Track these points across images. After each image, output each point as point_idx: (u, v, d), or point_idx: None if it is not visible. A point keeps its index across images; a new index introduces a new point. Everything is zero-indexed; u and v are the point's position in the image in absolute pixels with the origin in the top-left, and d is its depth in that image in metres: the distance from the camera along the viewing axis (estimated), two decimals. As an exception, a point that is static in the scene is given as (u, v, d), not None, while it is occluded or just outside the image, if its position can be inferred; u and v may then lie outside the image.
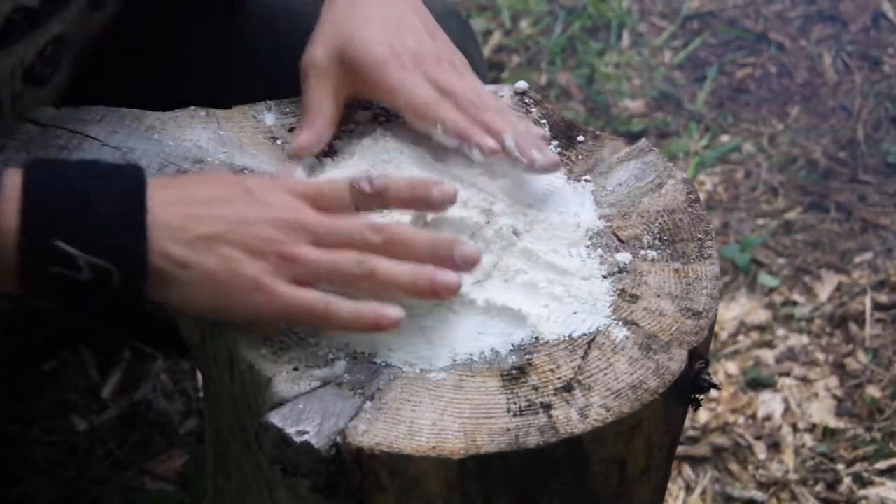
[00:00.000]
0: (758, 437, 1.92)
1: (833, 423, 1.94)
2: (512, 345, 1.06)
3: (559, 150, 1.24)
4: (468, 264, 1.05)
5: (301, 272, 1.02)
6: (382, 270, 1.02)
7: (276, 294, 1.01)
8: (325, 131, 1.19)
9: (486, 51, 2.61)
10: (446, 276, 1.03)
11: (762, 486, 1.86)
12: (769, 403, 1.97)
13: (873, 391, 1.98)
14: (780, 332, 2.08)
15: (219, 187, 1.05)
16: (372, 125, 1.24)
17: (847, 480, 1.86)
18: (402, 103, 1.17)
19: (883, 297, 2.12)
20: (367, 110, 1.26)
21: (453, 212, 1.11)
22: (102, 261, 0.97)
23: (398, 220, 1.10)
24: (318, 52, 1.19)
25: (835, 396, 1.98)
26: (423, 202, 1.08)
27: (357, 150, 1.21)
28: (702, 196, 1.87)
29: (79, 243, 0.97)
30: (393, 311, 1.01)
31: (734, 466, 1.89)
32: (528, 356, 1.05)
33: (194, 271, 1.00)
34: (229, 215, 1.02)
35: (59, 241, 0.96)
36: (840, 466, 1.88)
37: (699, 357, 1.07)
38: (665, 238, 1.16)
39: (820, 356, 2.04)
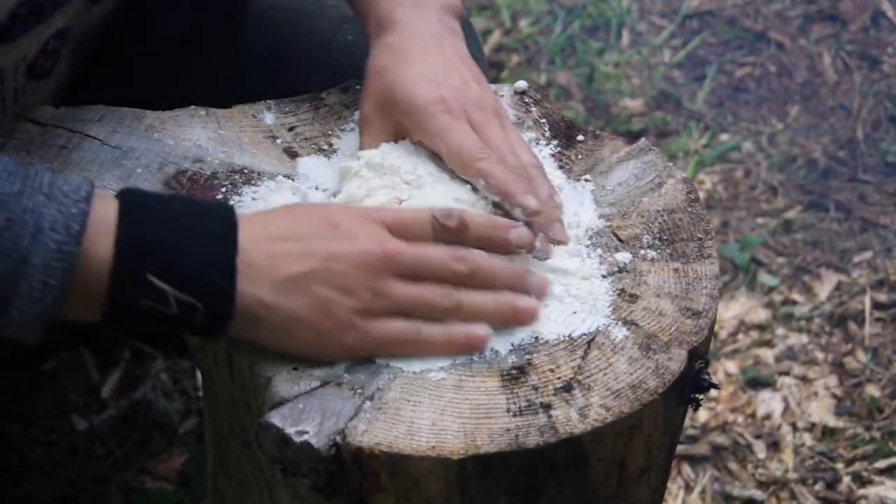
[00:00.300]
0: (757, 437, 1.92)
1: (832, 422, 1.94)
2: (512, 344, 1.06)
3: (559, 149, 1.24)
4: (541, 292, 1.08)
5: (391, 307, 1.03)
6: (469, 302, 1.05)
7: (369, 331, 1.03)
8: None
9: (486, 50, 2.61)
10: (527, 302, 1.06)
11: (762, 485, 1.86)
12: (769, 402, 1.97)
13: (873, 390, 1.98)
14: (780, 331, 2.08)
15: (304, 221, 1.05)
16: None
17: (846, 479, 1.86)
18: (446, 151, 1.15)
19: (882, 297, 2.12)
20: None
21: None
22: (191, 298, 0.98)
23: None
24: (368, 105, 1.19)
25: (834, 395, 1.98)
26: (500, 243, 1.09)
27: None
28: (701, 195, 1.87)
29: (171, 279, 0.98)
30: (481, 329, 1.05)
31: (734, 465, 1.89)
32: (527, 356, 1.05)
33: (282, 314, 1.01)
34: (317, 252, 1.02)
35: (152, 276, 0.97)
36: (839, 465, 1.88)
37: (699, 357, 1.07)
38: (665, 237, 1.16)
39: (819, 355, 2.04)
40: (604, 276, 1.12)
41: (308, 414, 0.99)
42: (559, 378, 1.03)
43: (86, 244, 0.97)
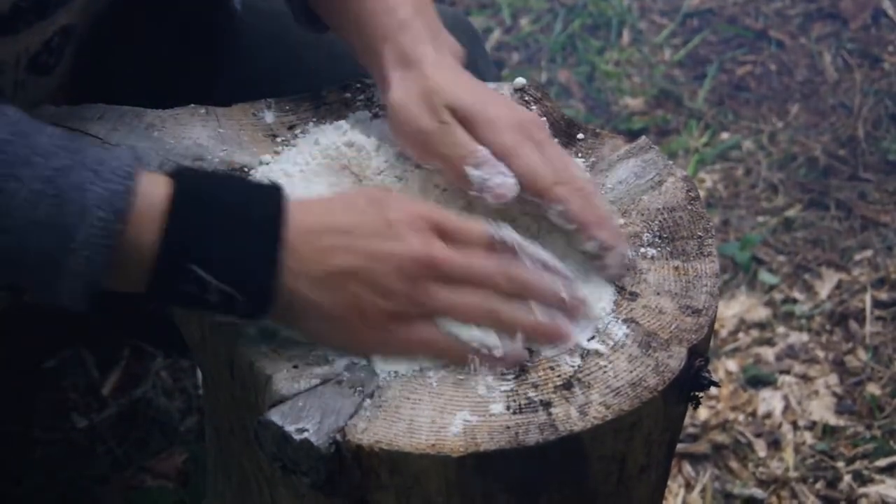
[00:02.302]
0: (758, 435, 1.92)
1: (833, 420, 1.94)
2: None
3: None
4: (578, 315, 1.07)
5: (427, 312, 1.04)
6: (507, 314, 1.04)
7: (401, 335, 1.03)
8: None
9: (486, 49, 2.60)
10: (564, 326, 1.05)
11: (762, 483, 1.86)
12: (769, 401, 1.97)
13: (873, 389, 1.98)
14: (780, 329, 2.08)
15: (360, 214, 1.05)
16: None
17: (847, 478, 1.86)
18: (519, 172, 1.12)
19: (883, 295, 2.12)
20: (366, 110, 1.26)
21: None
22: (232, 289, 0.99)
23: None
24: (422, 121, 1.15)
25: (835, 394, 1.98)
26: (534, 290, 1.07)
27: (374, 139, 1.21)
28: (702, 194, 1.87)
29: (213, 270, 0.99)
30: (517, 347, 1.04)
31: (734, 464, 1.89)
32: (527, 353, 1.05)
33: (322, 309, 1.02)
34: (363, 249, 1.02)
35: (196, 266, 0.98)
36: (840, 464, 1.88)
37: (699, 355, 1.07)
38: (665, 236, 1.16)
39: (820, 354, 2.04)
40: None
41: (308, 412, 0.99)
42: (559, 376, 1.03)
43: (131, 224, 0.98)
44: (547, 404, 1.01)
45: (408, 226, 1.04)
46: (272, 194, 1.04)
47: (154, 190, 1.00)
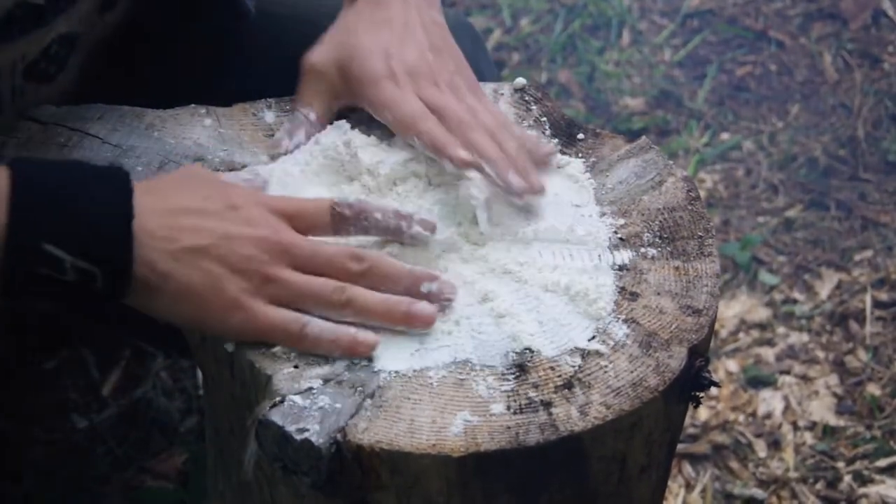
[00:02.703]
0: (758, 435, 1.92)
1: (833, 420, 1.94)
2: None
3: (559, 147, 1.24)
4: (442, 299, 1.07)
5: (281, 293, 1.04)
6: (361, 300, 1.05)
7: (255, 313, 1.03)
8: (310, 133, 1.20)
9: (487, 49, 2.60)
10: (422, 308, 1.05)
11: (762, 483, 1.86)
12: (769, 401, 1.97)
13: (873, 389, 1.98)
14: (781, 329, 2.08)
15: (203, 199, 1.05)
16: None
17: (847, 478, 1.86)
18: (391, 118, 1.18)
19: (883, 295, 2.12)
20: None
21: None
22: (88, 265, 0.98)
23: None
24: (320, 54, 1.21)
25: (835, 394, 1.98)
26: (399, 235, 1.09)
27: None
28: (702, 194, 1.87)
29: (66, 246, 0.97)
30: (369, 336, 1.04)
31: (734, 464, 1.89)
32: (528, 354, 1.05)
33: (177, 283, 1.02)
34: (214, 230, 1.03)
35: (48, 244, 0.97)
36: (840, 464, 1.88)
37: (699, 355, 1.06)
38: (665, 236, 1.16)
39: (820, 354, 2.04)
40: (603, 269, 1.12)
41: (308, 412, 0.99)
42: (559, 376, 1.03)
43: None
44: (547, 404, 1.01)
45: (254, 211, 1.05)
46: (116, 172, 1.03)
47: None
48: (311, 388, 1.01)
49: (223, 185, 1.09)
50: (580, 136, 1.26)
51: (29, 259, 0.98)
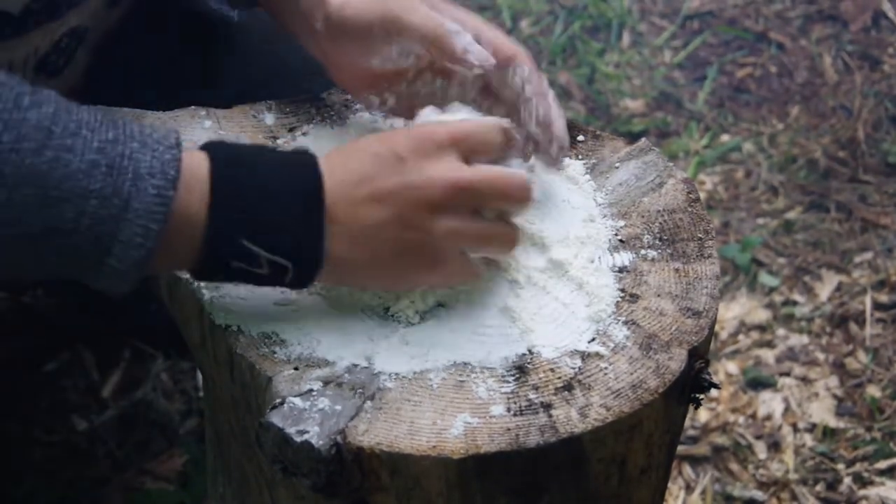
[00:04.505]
0: (758, 437, 1.92)
1: (833, 422, 1.94)
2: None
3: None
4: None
5: (466, 242, 1.06)
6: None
7: (447, 266, 1.06)
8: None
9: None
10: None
11: (762, 485, 1.86)
12: (769, 403, 1.97)
13: (873, 391, 1.98)
14: (781, 331, 2.08)
15: (374, 160, 1.05)
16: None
17: (847, 480, 1.86)
18: (485, 40, 1.18)
19: (883, 297, 2.12)
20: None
21: None
22: (283, 260, 1.00)
23: None
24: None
25: (835, 396, 1.98)
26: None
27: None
28: (702, 196, 1.87)
29: (262, 242, 0.99)
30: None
31: (734, 466, 1.89)
32: (528, 356, 1.05)
33: (362, 261, 1.04)
34: (389, 192, 1.03)
35: (246, 241, 0.99)
36: (840, 466, 1.88)
37: (699, 356, 1.07)
38: (665, 238, 1.16)
39: (820, 356, 2.04)
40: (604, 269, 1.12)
41: (309, 414, 0.99)
42: (559, 378, 1.03)
43: (181, 193, 0.97)
44: (547, 406, 1.01)
45: (421, 156, 1.04)
46: (307, 161, 1.03)
47: (195, 162, 1.00)
48: (311, 390, 1.01)
49: (388, 138, 1.08)
50: (580, 137, 1.26)
51: (227, 253, 0.99)
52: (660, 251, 1.15)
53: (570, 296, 1.10)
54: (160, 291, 1.18)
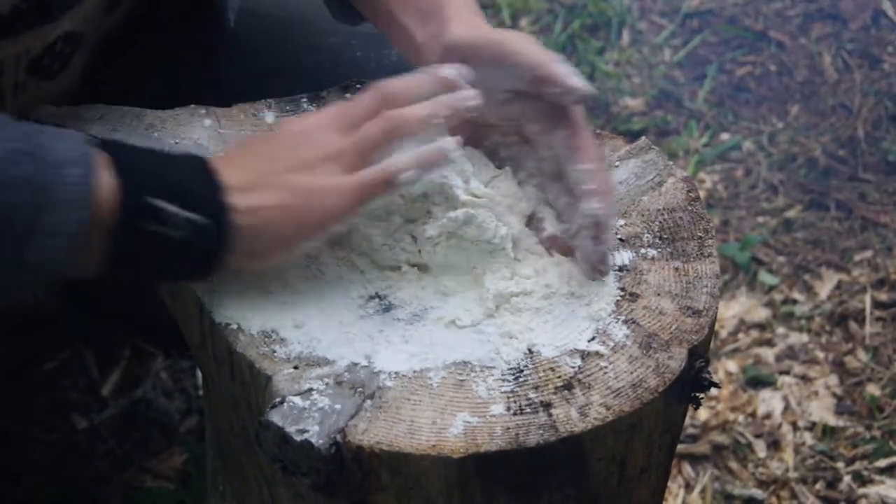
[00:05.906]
0: (758, 436, 1.92)
1: (833, 421, 1.94)
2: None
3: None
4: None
5: (348, 160, 1.07)
6: (406, 114, 1.09)
7: (345, 186, 1.06)
8: None
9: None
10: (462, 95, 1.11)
11: (762, 484, 1.86)
12: (769, 402, 1.97)
13: (873, 389, 1.98)
14: (780, 330, 2.08)
15: (268, 138, 1.11)
16: None
17: (847, 479, 1.86)
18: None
19: (883, 296, 2.12)
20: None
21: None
22: (197, 215, 1.01)
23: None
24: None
25: (835, 395, 1.98)
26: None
27: None
28: (702, 194, 1.87)
29: (173, 200, 1.01)
30: (446, 141, 1.09)
31: (734, 465, 1.89)
32: (528, 355, 1.05)
33: (268, 209, 1.05)
34: (282, 153, 1.07)
35: (156, 199, 1.00)
36: (840, 465, 1.88)
37: (699, 355, 1.07)
38: (665, 236, 1.16)
39: (820, 354, 2.04)
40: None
41: (308, 413, 0.99)
42: (559, 377, 1.03)
43: (95, 178, 0.99)
44: (547, 405, 1.01)
45: (298, 124, 1.10)
46: (189, 152, 1.09)
47: (99, 154, 1.01)
48: (310, 389, 1.01)
49: (287, 122, 1.13)
50: (580, 136, 1.26)
51: (141, 215, 1.00)
52: (659, 250, 1.15)
53: (570, 295, 1.10)
54: (160, 290, 1.18)
